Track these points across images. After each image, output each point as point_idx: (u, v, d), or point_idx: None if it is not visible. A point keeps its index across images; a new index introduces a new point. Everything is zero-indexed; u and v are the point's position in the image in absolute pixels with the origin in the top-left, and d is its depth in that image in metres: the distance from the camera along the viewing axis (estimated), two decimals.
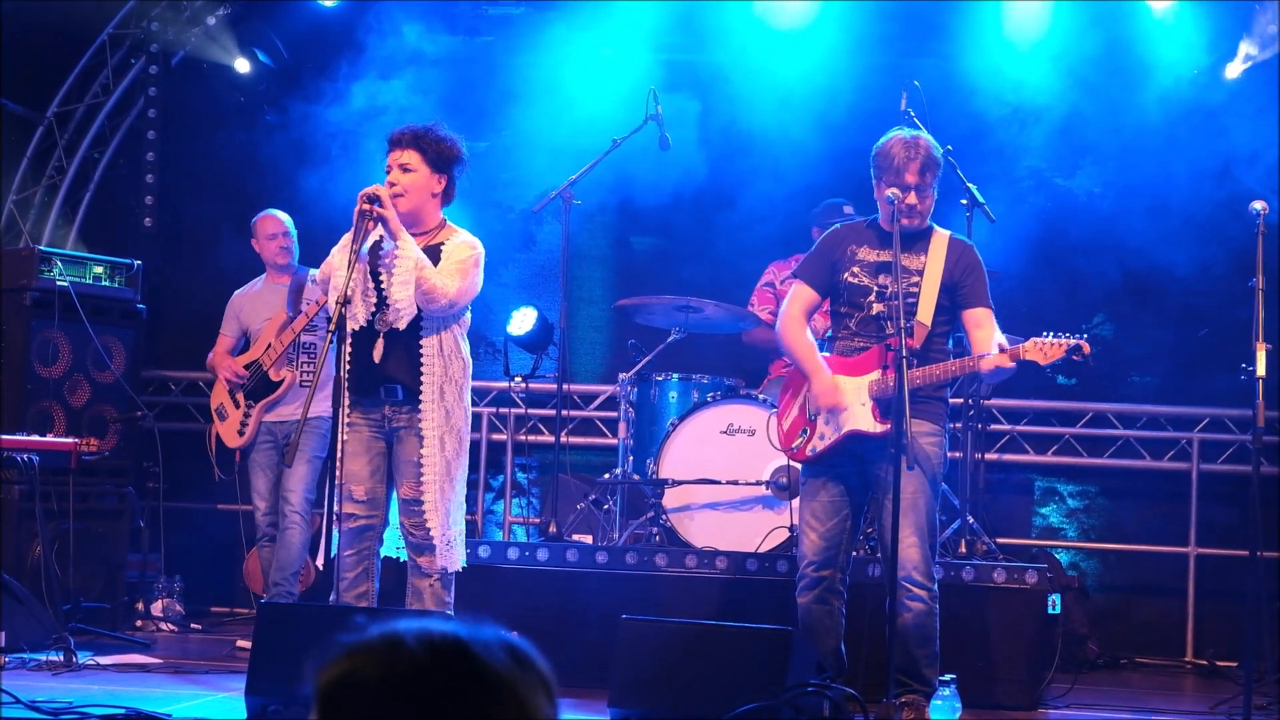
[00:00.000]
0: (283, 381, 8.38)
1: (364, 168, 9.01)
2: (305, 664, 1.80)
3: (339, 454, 6.19)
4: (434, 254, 6.36)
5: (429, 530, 6.32)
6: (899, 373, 5.93)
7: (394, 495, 6.44)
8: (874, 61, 9.71)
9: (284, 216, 8.68)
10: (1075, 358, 6.12)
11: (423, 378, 6.31)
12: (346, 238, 6.33)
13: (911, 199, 6.29)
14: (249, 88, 10.41)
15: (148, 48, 10.36)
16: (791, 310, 6.54)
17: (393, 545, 6.54)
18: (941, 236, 6.45)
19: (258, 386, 8.43)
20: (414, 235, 6.31)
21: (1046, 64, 9.53)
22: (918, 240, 6.39)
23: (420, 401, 6.32)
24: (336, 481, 6.16)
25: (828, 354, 6.49)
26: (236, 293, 8.81)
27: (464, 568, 6.51)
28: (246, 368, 8.48)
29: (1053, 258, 9.69)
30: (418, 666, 1.74)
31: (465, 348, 6.46)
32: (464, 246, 6.41)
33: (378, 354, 6.28)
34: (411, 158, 6.36)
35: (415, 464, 6.33)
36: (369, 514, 6.37)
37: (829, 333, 6.68)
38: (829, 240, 6.58)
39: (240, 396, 8.50)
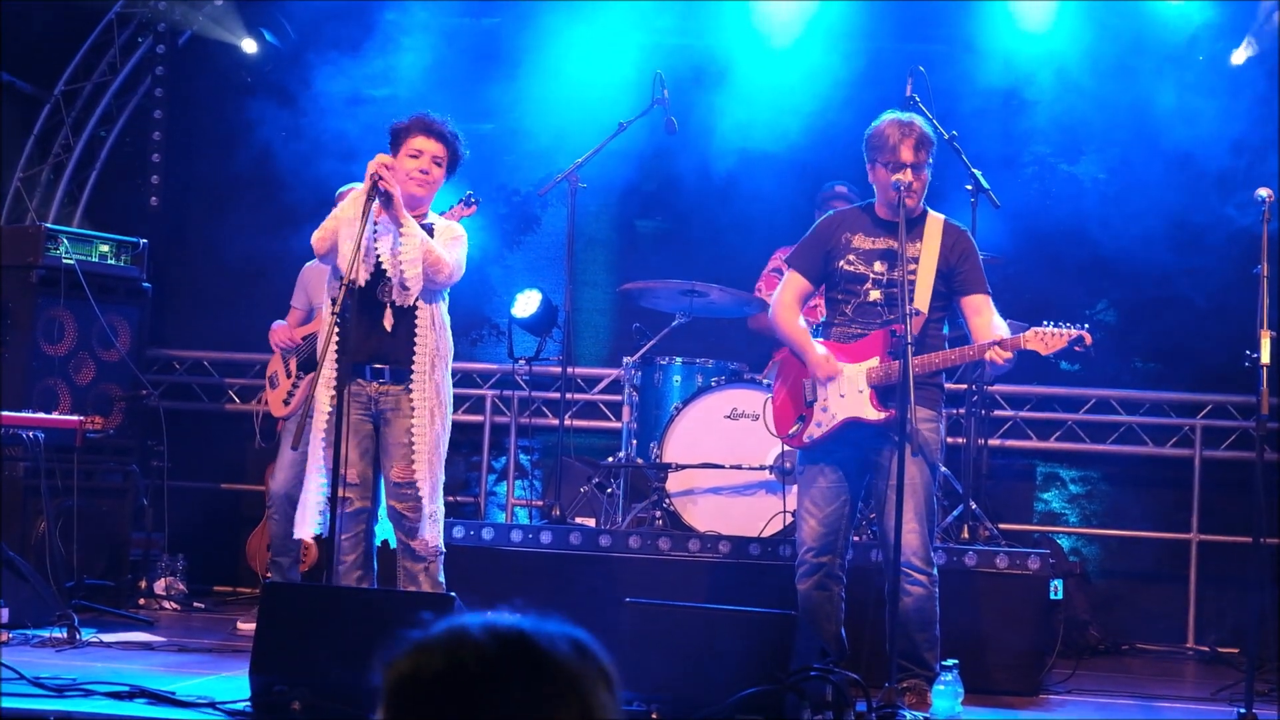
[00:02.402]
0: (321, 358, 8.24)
1: (370, 147, 9.00)
2: (373, 657, 1.80)
3: (340, 434, 6.20)
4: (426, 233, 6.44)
5: (422, 510, 6.35)
6: (904, 361, 5.93)
7: (380, 479, 6.46)
8: (879, 47, 9.70)
9: None
10: (1077, 349, 6.11)
11: (415, 351, 6.36)
12: (351, 202, 6.35)
13: (907, 175, 6.28)
14: (256, 68, 10.41)
15: (155, 27, 10.35)
16: (784, 297, 6.55)
17: (381, 533, 6.55)
18: (936, 221, 6.43)
19: (310, 359, 8.30)
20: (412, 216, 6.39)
21: (1051, 50, 9.52)
22: (912, 226, 6.35)
23: (412, 376, 6.36)
24: (339, 464, 6.19)
25: (824, 339, 6.50)
26: (308, 264, 8.51)
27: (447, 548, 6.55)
28: (305, 339, 8.33)
29: (1057, 244, 9.69)
30: (481, 657, 1.75)
31: (449, 323, 6.53)
32: (452, 226, 6.55)
33: (389, 323, 6.32)
34: (441, 152, 6.45)
35: (406, 445, 6.36)
36: (362, 496, 6.39)
37: (824, 318, 6.68)
38: (823, 228, 6.57)
39: (292, 366, 8.39)
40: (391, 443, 6.39)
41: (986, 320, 6.31)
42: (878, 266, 6.34)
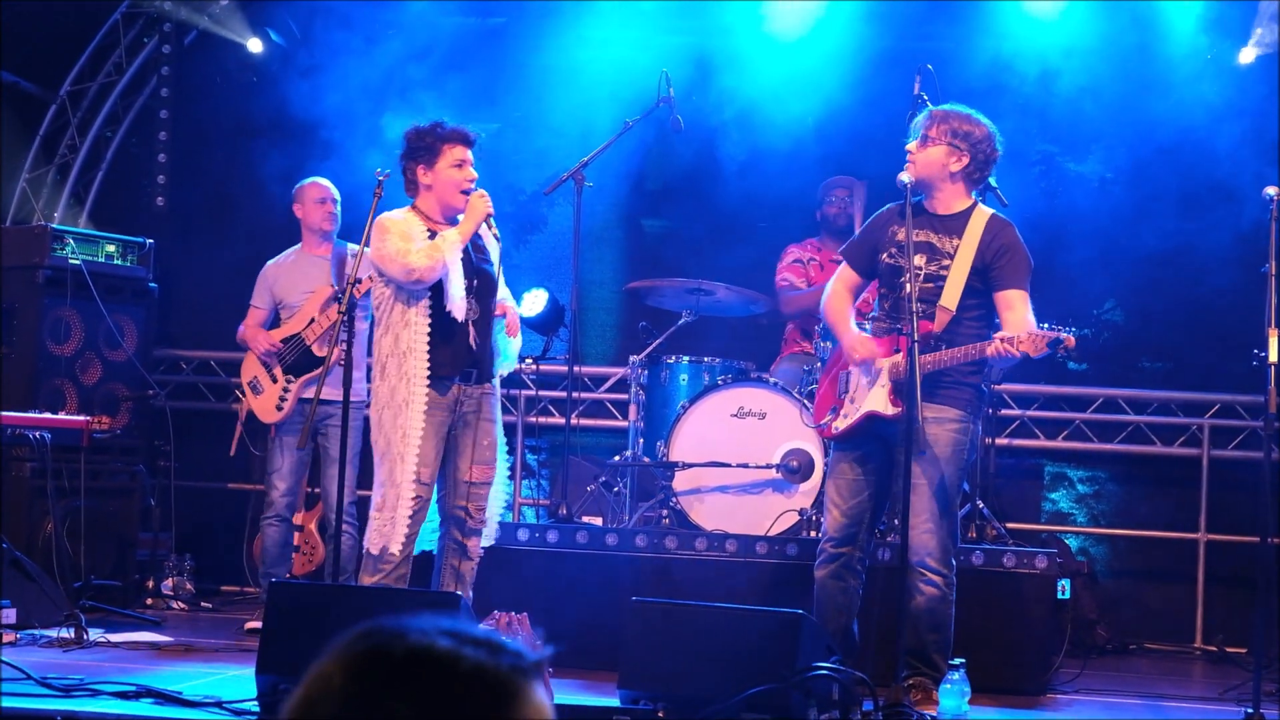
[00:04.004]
0: (328, 358, 8.19)
1: (375, 146, 9.00)
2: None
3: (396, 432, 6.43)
4: (478, 244, 6.64)
5: (486, 514, 6.49)
6: (910, 358, 5.93)
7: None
8: (888, 45, 9.68)
9: (330, 183, 8.51)
10: (1060, 351, 6.05)
11: (496, 362, 6.64)
12: (458, 240, 6.49)
13: (909, 145, 6.32)
14: (262, 67, 10.41)
15: (161, 26, 10.34)
16: (835, 286, 6.61)
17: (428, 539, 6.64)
18: (981, 216, 6.38)
19: (298, 361, 8.25)
20: (452, 225, 6.57)
21: (1058, 48, 9.50)
22: (955, 220, 6.36)
23: (493, 383, 6.62)
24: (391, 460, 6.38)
25: (862, 333, 6.52)
26: (270, 263, 8.56)
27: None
28: (284, 341, 8.29)
29: (1064, 243, 9.65)
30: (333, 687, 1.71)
31: None
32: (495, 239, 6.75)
33: (474, 342, 6.51)
34: (472, 158, 6.63)
35: (489, 447, 6.56)
36: (429, 496, 6.52)
37: (871, 312, 6.69)
38: (874, 221, 6.58)
39: (278, 370, 8.29)
40: (470, 444, 6.49)
41: (1019, 316, 6.19)
42: (917, 260, 6.28)
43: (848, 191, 8.85)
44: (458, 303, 6.39)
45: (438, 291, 6.41)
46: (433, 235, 6.46)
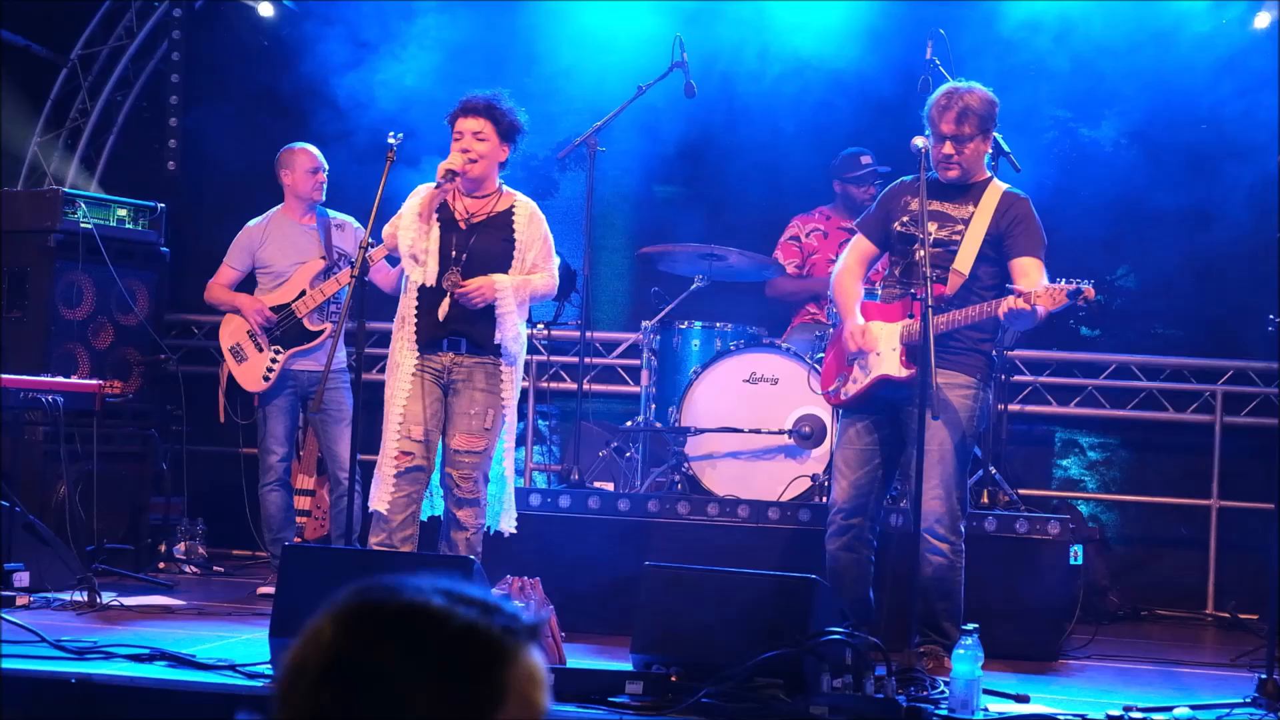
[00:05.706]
0: (322, 332, 8.16)
1: (385, 111, 8.98)
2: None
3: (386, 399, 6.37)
4: (504, 219, 6.63)
5: (476, 483, 6.46)
6: (925, 321, 5.92)
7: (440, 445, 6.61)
8: (900, 9, 9.62)
9: (319, 151, 8.44)
10: (1080, 302, 6.02)
11: (497, 326, 6.52)
12: (420, 201, 6.53)
13: (947, 149, 6.26)
14: (273, 31, 10.38)
15: None
16: (847, 260, 6.61)
17: (427, 506, 6.65)
18: (997, 189, 6.40)
19: (288, 333, 8.22)
20: (478, 198, 6.61)
21: (1073, 11, 9.44)
22: (969, 191, 6.37)
23: (498, 357, 6.54)
24: (394, 432, 6.35)
25: (873, 300, 6.50)
26: (251, 224, 8.43)
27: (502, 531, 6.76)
28: (275, 310, 8.22)
29: (1077, 208, 9.62)
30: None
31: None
32: (540, 220, 6.71)
33: (442, 313, 6.47)
34: (484, 126, 6.58)
35: (476, 416, 6.51)
36: (424, 455, 6.51)
37: (882, 281, 6.68)
38: (889, 192, 6.59)
39: (263, 340, 8.23)
40: (458, 413, 6.54)
41: (1033, 282, 6.16)
42: (929, 227, 6.26)
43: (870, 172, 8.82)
44: (416, 267, 6.48)
45: None
46: (431, 206, 6.56)
